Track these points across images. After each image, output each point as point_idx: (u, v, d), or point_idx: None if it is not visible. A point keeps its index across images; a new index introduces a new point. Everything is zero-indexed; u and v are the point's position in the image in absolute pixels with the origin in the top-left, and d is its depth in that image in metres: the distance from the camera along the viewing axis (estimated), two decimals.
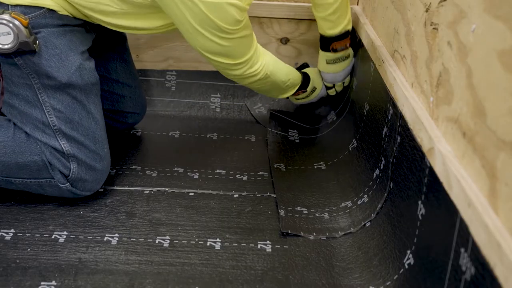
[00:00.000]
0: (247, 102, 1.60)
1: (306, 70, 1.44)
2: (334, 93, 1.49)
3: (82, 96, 1.14)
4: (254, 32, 1.14)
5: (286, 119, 1.55)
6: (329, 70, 1.42)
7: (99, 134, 1.18)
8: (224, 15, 1.00)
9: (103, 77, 1.35)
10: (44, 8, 1.07)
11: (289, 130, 1.51)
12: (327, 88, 1.48)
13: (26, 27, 1.03)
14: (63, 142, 1.13)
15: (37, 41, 1.06)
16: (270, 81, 1.24)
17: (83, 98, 1.14)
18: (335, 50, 1.37)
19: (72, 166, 1.14)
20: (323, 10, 1.32)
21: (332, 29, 1.34)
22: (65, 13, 1.10)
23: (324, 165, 1.37)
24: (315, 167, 1.37)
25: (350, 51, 1.41)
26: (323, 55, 1.40)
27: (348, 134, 1.37)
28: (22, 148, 1.13)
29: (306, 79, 1.40)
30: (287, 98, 1.43)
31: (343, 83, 1.46)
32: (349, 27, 1.36)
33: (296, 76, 1.35)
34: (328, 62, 1.40)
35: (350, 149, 1.33)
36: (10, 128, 1.15)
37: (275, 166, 1.35)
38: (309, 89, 1.41)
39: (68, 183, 1.15)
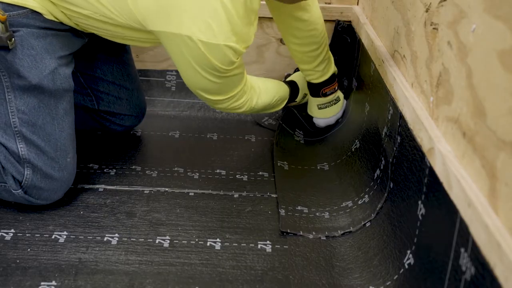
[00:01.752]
0: (254, 118, 1.60)
1: (293, 77, 1.45)
2: None
3: (50, 100, 1.11)
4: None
5: (296, 114, 1.54)
6: (322, 116, 1.45)
7: (63, 143, 1.14)
8: (221, 56, 1.02)
9: (99, 79, 1.34)
10: (27, 8, 1.05)
11: (296, 130, 1.51)
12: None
13: (2, 23, 1.02)
14: (21, 145, 1.10)
15: (13, 39, 1.04)
16: (256, 109, 1.27)
17: (51, 103, 1.11)
18: (325, 95, 1.40)
19: (26, 172, 1.11)
20: (307, 64, 1.35)
21: (321, 78, 1.38)
22: (52, 18, 1.09)
23: (327, 165, 1.37)
24: (318, 167, 1.37)
25: (339, 93, 1.44)
26: (314, 101, 1.43)
27: (351, 135, 1.37)
28: None
29: (294, 91, 1.41)
30: None
31: None
32: (335, 70, 1.40)
33: (283, 93, 1.35)
34: (320, 108, 1.43)
35: (353, 149, 1.32)
36: None
37: (279, 164, 1.35)
38: (298, 99, 1.43)
39: (20, 190, 1.11)
